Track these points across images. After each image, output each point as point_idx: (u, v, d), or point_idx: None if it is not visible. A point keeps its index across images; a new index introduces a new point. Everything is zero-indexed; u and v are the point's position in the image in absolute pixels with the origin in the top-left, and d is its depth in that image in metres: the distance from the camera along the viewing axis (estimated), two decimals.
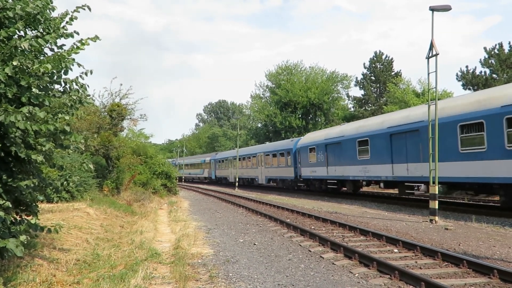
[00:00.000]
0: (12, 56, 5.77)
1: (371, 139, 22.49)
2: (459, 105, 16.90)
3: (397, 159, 20.45)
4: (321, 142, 28.33)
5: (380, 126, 22.02)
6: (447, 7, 15.29)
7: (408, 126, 19.64)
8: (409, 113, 20.68)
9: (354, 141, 24.12)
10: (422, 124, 18.43)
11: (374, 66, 56.43)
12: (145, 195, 23.97)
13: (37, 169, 6.71)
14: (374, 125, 22.90)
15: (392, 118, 21.76)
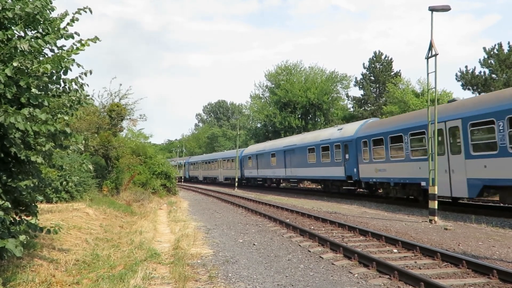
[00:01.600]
0: (12, 57, 5.77)
1: (277, 153, 36.75)
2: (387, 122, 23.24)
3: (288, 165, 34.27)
4: (253, 153, 43.65)
5: (280, 146, 36.52)
6: (446, 7, 15.29)
7: (289, 147, 34.10)
8: (292, 139, 35.86)
9: (269, 154, 38.70)
10: (295, 147, 32.64)
11: (374, 66, 56.46)
12: (145, 195, 23.97)
13: (36, 170, 6.71)
14: (277, 145, 37.79)
15: (285, 141, 36.74)
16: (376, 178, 22.77)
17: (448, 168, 17.52)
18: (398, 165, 20.75)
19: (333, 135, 27.55)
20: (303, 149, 31.04)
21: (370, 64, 56.74)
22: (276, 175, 37.28)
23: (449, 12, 15.70)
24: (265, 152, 39.65)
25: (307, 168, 30.59)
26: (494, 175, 15.28)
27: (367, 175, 23.60)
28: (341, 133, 26.76)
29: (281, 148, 35.82)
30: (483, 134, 15.86)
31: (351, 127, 26.41)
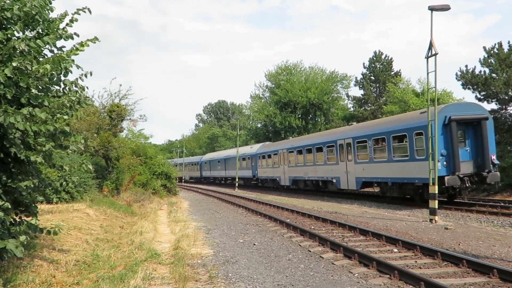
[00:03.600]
0: (11, 57, 5.77)
1: (221, 160, 55.27)
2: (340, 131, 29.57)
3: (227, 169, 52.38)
4: (208, 159, 63.28)
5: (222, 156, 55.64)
6: (446, 7, 15.29)
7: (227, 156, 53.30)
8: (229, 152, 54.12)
9: (216, 161, 56.81)
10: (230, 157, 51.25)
11: (374, 66, 56.41)
12: (145, 195, 23.98)
13: (36, 170, 6.71)
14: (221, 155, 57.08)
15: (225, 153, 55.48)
16: (264, 177, 40.57)
17: (347, 171, 25.75)
18: (269, 170, 38.76)
19: (248, 151, 47.04)
20: (234, 158, 48.75)
21: (370, 64, 56.69)
22: (221, 175, 56.51)
23: (449, 12, 15.72)
24: (214, 159, 59.06)
25: (240, 170, 47.46)
26: (368, 175, 23.84)
27: (261, 175, 41.33)
28: (251, 150, 45.68)
29: (222, 157, 55.27)
30: (363, 149, 24.20)
31: (255, 147, 45.20)
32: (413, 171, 20.36)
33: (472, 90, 32.51)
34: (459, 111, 19.59)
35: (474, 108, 20.38)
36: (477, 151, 19.73)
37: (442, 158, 18.97)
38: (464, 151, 19.60)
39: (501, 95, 31.13)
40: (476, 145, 19.74)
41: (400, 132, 21.22)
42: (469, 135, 19.85)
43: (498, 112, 32.18)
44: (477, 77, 31.72)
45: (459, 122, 19.14)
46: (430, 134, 15.99)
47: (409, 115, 22.87)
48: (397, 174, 21.47)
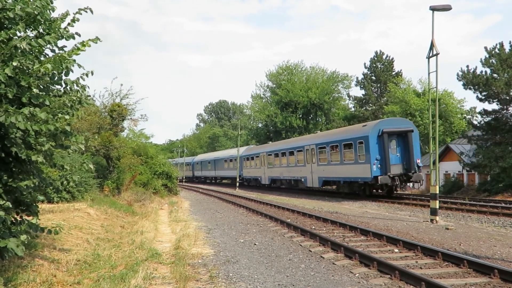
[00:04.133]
0: (12, 57, 5.77)
1: (211, 161, 59.62)
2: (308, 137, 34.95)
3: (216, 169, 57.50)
4: (199, 160, 67.75)
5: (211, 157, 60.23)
6: (447, 7, 15.28)
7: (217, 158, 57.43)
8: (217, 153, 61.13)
9: (207, 161, 61.59)
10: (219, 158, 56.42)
11: (375, 66, 56.41)
12: (146, 195, 23.99)
13: (37, 169, 6.72)
14: (211, 156, 61.31)
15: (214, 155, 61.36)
16: (248, 176, 45.43)
17: (311, 172, 30.72)
18: (252, 170, 43.83)
19: (234, 153, 49.54)
20: (222, 159, 55.11)
21: (371, 64, 56.70)
22: (211, 175, 61.42)
23: (449, 12, 15.69)
24: (205, 160, 63.65)
25: (224, 170, 54.22)
26: (327, 175, 28.67)
27: (246, 175, 45.90)
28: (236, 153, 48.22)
29: (212, 159, 59.73)
30: (323, 153, 29.14)
31: (241, 150, 48.12)
32: (357, 172, 25.16)
33: (473, 90, 32.46)
34: (390, 125, 24.61)
35: (402, 122, 25.95)
36: (405, 156, 24.32)
37: (377, 161, 23.55)
38: (395, 156, 24.28)
39: (502, 96, 31.08)
40: (405, 151, 24.34)
41: (348, 141, 26.18)
42: (399, 144, 24.48)
43: (499, 112, 32.15)
44: (478, 77, 31.67)
45: (390, 133, 23.87)
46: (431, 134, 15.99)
47: (355, 127, 28.30)
48: (347, 174, 26.45)
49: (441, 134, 42.84)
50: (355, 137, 25.52)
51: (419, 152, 25.37)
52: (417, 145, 25.05)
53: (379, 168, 23.60)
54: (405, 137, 24.33)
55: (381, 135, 23.72)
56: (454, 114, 47.35)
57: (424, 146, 45.64)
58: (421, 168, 25.11)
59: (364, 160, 24.11)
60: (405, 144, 24.29)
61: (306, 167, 31.59)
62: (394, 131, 24.10)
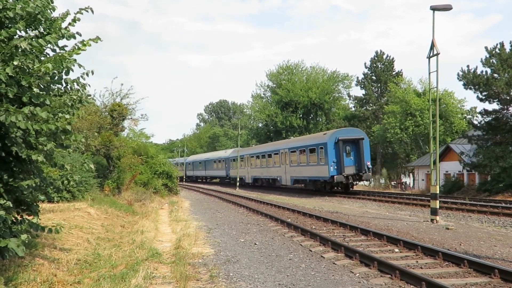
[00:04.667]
0: (13, 56, 5.77)
1: (201, 162, 65.03)
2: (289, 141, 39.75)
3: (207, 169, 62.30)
4: (191, 161, 71.81)
5: (202, 158, 66.08)
6: (448, 7, 15.27)
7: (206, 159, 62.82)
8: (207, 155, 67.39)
9: (198, 162, 66.72)
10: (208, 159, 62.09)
11: (375, 65, 56.41)
12: (146, 195, 23.98)
13: (38, 169, 6.72)
14: (202, 157, 67.02)
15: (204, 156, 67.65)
16: (234, 175, 47.32)
17: (285, 172, 35.56)
18: (242, 170, 45.93)
19: (223, 155, 55.83)
20: (211, 160, 60.13)
21: (371, 64, 56.70)
22: (201, 175, 66.74)
23: (449, 12, 15.69)
24: (196, 161, 68.79)
25: (213, 170, 59.27)
26: (297, 175, 33.75)
27: (232, 174, 49.87)
28: (225, 154, 54.46)
29: (203, 159, 65.32)
30: (294, 156, 33.85)
31: (228, 152, 54.74)
32: (319, 172, 30.14)
33: (474, 90, 32.45)
34: (345, 133, 29.75)
35: (355, 131, 31.34)
36: (357, 159, 29.08)
37: (334, 163, 28.35)
38: (349, 159, 29.00)
39: (503, 95, 31.07)
40: (357, 155, 29.09)
41: (312, 146, 31.06)
42: (352, 149, 29.21)
43: (500, 112, 32.13)
44: (478, 77, 31.66)
45: (344, 141, 28.69)
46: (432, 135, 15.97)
47: (318, 135, 33.68)
48: (311, 174, 31.56)
49: (441, 134, 42.83)
50: (317, 143, 30.71)
51: (369, 156, 30.47)
52: (368, 150, 29.97)
53: (335, 169, 28.50)
54: (357, 143, 29.24)
55: (337, 142, 28.65)
56: (454, 114, 47.36)
57: (424, 145, 45.65)
58: (371, 169, 30.49)
59: (324, 162, 29.17)
60: (357, 150, 29.24)
61: (281, 168, 36.77)
62: (348, 139, 29.17)
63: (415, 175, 47.95)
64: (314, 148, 30.76)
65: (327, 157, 28.56)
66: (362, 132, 31.99)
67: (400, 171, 56.88)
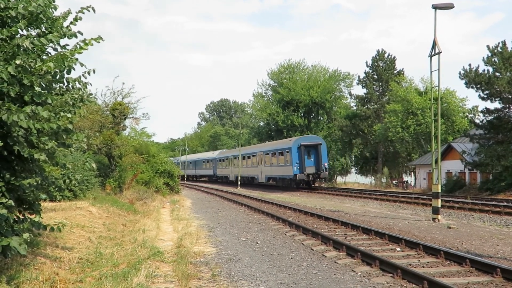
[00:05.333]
0: (15, 55, 5.77)
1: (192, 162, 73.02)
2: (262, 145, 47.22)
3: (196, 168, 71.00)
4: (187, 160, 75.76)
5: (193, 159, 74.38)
6: (449, 5, 15.23)
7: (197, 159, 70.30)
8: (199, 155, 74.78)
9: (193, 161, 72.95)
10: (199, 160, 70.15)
11: (377, 64, 56.24)
12: (148, 193, 23.99)
13: (39, 168, 6.72)
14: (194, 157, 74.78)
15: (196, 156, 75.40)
16: (221, 174, 57.02)
17: (261, 171, 42.45)
18: (223, 170, 54.98)
19: (211, 155, 63.96)
20: (200, 161, 68.21)
21: (373, 63, 56.54)
22: (192, 173, 72.88)
23: (451, 10, 15.66)
24: (187, 160, 75.17)
25: (202, 170, 67.46)
26: (270, 174, 40.40)
27: (219, 173, 57.84)
28: (213, 155, 62.32)
29: (194, 160, 72.57)
30: (267, 158, 40.43)
31: (216, 153, 62.64)
32: (285, 171, 36.87)
33: (476, 89, 32.37)
34: (307, 140, 36.54)
35: (315, 138, 38.16)
36: (316, 161, 35.55)
37: (297, 164, 34.84)
38: (310, 161, 35.49)
39: (505, 94, 31.00)
40: (316, 158, 35.53)
41: (281, 150, 38.08)
42: (313, 153, 35.66)
43: (502, 111, 32.06)
44: (480, 76, 31.58)
45: (305, 146, 35.27)
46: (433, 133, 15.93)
47: (285, 141, 41.05)
48: (280, 173, 38.60)
49: (443, 133, 42.75)
50: (284, 148, 37.48)
51: (326, 158, 37.11)
52: (325, 153, 36.65)
53: (298, 169, 34.95)
54: (316, 148, 35.65)
55: (299, 147, 35.22)
56: (456, 113, 47.26)
57: (426, 144, 45.60)
58: (328, 169, 37.22)
59: (289, 163, 35.84)
60: (316, 153, 35.55)
61: (257, 168, 43.90)
62: (308, 144, 35.73)
63: (416, 174, 47.91)
64: (282, 152, 37.62)
65: (292, 159, 35.21)
66: (320, 138, 39.12)
67: (401, 170, 56.81)
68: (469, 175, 37.56)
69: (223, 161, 56.43)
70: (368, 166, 58.32)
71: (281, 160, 37.66)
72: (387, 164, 54.09)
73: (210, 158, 63.55)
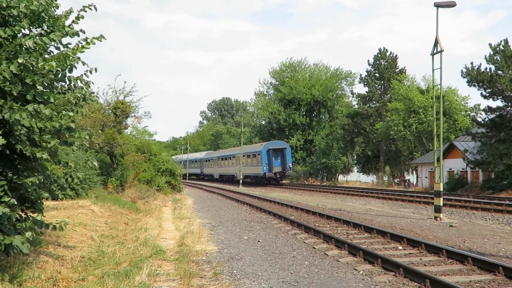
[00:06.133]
0: (17, 54, 5.77)
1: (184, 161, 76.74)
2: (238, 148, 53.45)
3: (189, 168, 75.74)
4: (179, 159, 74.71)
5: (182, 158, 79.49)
6: (451, 3, 15.20)
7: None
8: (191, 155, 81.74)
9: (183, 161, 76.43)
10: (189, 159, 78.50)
11: (378, 63, 56.12)
12: (150, 192, 24.01)
13: (42, 166, 6.72)
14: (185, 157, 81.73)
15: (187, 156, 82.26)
16: (207, 173, 65.97)
17: (239, 170, 47.52)
18: (209, 169, 64.56)
19: (198, 156, 72.82)
20: (190, 161, 75.00)
21: (375, 61, 56.41)
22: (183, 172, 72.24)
23: (453, 8, 15.61)
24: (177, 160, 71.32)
25: (191, 169, 73.83)
26: (246, 173, 48.67)
27: (205, 172, 66.89)
28: (200, 156, 71.19)
29: (184, 159, 76.45)
30: (244, 159, 48.53)
31: (203, 153, 72.30)
32: (257, 170, 45.74)
33: (478, 87, 32.32)
34: (274, 145, 45.32)
35: (281, 143, 47.09)
36: (281, 162, 44.40)
37: (266, 165, 43.22)
38: (276, 161, 44.14)
39: (507, 92, 30.94)
40: (281, 159, 44.38)
41: (253, 152, 47.12)
42: (279, 155, 44.31)
43: (504, 109, 31.99)
44: (482, 74, 31.52)
45: (273, 149, 43.92)
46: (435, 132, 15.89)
47: (257, 145, 50.45)
48: (253, 171, 47.08)
49: (445, 131, 42.69)
50: (256, 151, 46.67)
51: (291, 159, 46.37)
52: (289, 156, 45.87)
53: (267, 168, 43.86)
54: (282, 151, 44.96)
55: (268, 150, 44.06)
56: (458, 111, 47.16)
57: (428, 143, 45.55)
58: (292, 168, 46.76)
59: (260, 164, 44.71)
60: (282, 155, 44.78)
61: (236, 167, 51.03)
62: (275, 148, 44.94)
63: (418, 172, 47.84)
64: (255, 154, 46.69)
65: (261, 160, 44.11)
66: (285, 143, 48.47)
67: (403, 168, 56.73)
68: (471, 173, 37.49)
69: (208, 161, 65.89)
70: (370, 164, 58.29)
71: (254, 161, 46.96)
72: (389, 162, 54.03)
73: (197, 158, 72.79)
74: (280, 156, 44.29)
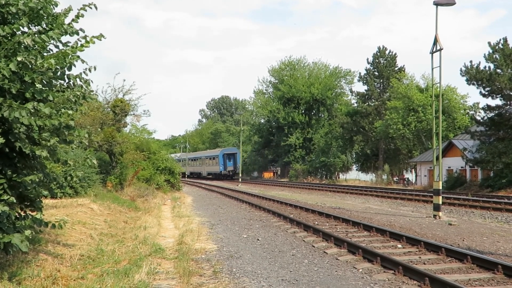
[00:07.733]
0: (16, 52, 5.76)
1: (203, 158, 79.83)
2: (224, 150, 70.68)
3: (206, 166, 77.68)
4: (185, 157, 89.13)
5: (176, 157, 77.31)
6: (451, 2, 15.19)
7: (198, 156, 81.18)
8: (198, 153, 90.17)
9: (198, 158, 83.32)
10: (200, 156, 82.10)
11: (378, 61, 56.14)
12: (149, 190, 23.99)
13: (41, 165, 6.71)
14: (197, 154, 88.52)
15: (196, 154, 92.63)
16: (193, 171, 78.01)
17: (204, 169, 72.81)
18: (193, 168, 79.36)
19: (184, 156, 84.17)
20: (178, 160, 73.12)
21: (374, 60, 56.43)
22: None
23: (452, 7, 15.60)
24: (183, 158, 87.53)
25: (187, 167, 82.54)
26: (208, 171, 70.41)
27: (190, 170, 77.97)
28: (175, 157, 65.26)
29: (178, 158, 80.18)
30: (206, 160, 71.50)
31: (178, 155, 79.90)
32: (215, 169, 64.18)
33: (477, 85, 32.34)
34: (228, 150, 64.06)
35: (233, 149, 65.78)
36: (233, 163, 61.85)
37: (222, 165, 61.60)
38: (230, 163, 61.85)
39: (506, 91, 30.96)
40: (234, 161, 61.98)
41: (212, 156, 66.20)
42: (231, 158, 62.12)
43: (503, 108, 32.03)
44: (481, 72, 31.53)
45: (227, 154, 62.39)
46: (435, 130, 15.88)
47: (215, 150, 69.25)
48: (212, 170, 65.61)
49: (444, 130, 42.73)
50: (215, 155, 64.05)
51: (240, 161, 58.84)
52: (239, 158, 58.99)
53: (223, 168, 60.63)
54: (234, 155, 61.29)
55: (223, 154, 60.95)
56: (457, 110, 47.20)
57: (427, 141, 45.60)
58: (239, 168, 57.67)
59: (217, 164, 61.56)
60: (234, 158, 61.22)
61: (201, 167, 70.48)
62: (228, 153, 61.81)
63: (417, 171, 47.89)
64: (214, 157, 64.22)
65: (218, 161, 61.41)
66: (237, 149, 62.90)
67: (402, 167, 56.79)
68: (470, 172, 37.55)
69: (193, 160, 79.72)
70: (369, 163, 58.35)
71: (214, 162, 64.53)
72: (388, 161, 54.09)
73: (183, 157, 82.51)
74: (232, 159, 61.66)
